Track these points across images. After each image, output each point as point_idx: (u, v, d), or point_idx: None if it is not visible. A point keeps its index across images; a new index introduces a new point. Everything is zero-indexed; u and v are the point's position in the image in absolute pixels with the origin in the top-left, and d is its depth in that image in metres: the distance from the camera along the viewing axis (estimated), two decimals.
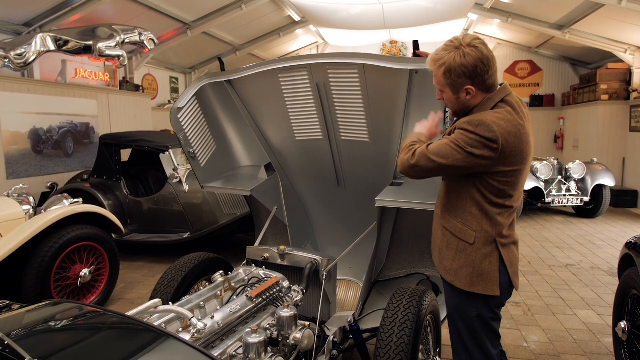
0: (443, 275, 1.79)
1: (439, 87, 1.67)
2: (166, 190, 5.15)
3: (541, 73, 11.44)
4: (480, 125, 1.53)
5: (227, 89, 2.65)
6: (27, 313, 1.38)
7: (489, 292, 1.66)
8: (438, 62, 1.62)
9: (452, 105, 1.69)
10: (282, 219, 3.02)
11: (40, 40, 5.40)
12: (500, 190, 1.62)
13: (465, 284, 1.68)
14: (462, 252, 1.69)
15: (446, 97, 1.68)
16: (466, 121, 1.58)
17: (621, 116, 8.60)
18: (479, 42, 1.58)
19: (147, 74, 9.93)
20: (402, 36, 11.47)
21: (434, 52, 1.67)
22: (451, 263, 1.73)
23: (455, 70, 1.57)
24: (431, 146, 1.63)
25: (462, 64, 1.56)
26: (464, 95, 1.62)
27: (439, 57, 1.62)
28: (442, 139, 1.65)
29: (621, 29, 7.75)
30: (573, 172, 6.99)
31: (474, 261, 1.67)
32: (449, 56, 1.58)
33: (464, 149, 1.55)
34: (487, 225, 1.66)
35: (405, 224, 2.98)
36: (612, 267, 4.70)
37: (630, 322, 2.43)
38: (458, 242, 1.71)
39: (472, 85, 1.59)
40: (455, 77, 1.59)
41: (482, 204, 1.65)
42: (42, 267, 3.29)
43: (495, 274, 1.66)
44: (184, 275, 2.34)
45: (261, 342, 1.63)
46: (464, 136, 1.56)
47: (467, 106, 1.65)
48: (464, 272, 1.69)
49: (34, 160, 6.17)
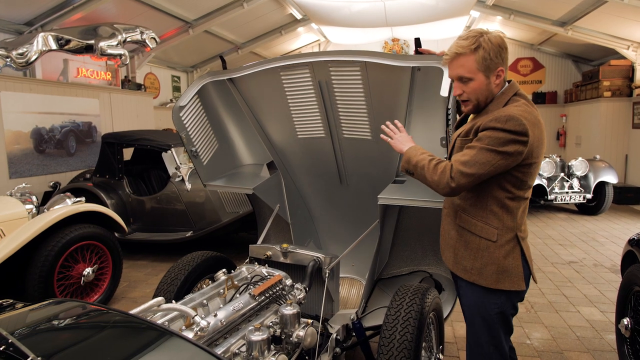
0: (461, 275, 1.76)
1: (469, 74, 1.60)
2: (169, 189, 5.16)
3: (543, 70, 11.40)
4: (510, 120, 1.52)
5: (229, 87, 2.65)
6: (31, 312, 1.39)
7: (516, 287, 1.68)
8: (470, 47, 1.57)
9: (480, 93, 1.63)
10: (285, 217, 3.01)
11: (41, 40, 5.41)
12: (522, 181, 1.64)
13: (491, 281, 1.68)
14: (484, 250, 1.68)
15: (475, 85, 1.61)
16: (492, 119, 1.56)
17: (624, 113, 8.56)
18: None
19: (149, 73, 9.94)
20: (404, 34, 11.45)
21: (454, 43, 1.63)
22: (472, 262, 1.71)
23: (492, 49, 1.57)
24: (462, 159, 1.57)
25: (497, 44, 1.57)
26: (494, 79, 1.62)
27: (468, 42, 1.58)
28: (470, 147, 1.59)
29: (624, 26, 7.71)
30: (576, 169, 6.96)
31: (497, 258, 1.67)
32: (481, 39, 1.57)
33: (498, 151, 1.53)
34: (509, 220, 1.67)
35: (407, 222, 2.98)
36: (615, 264, 4.69)
37: (633, 319, 2.42)
38: (479, 240, 1.69)
39: (502, 67, 1.61)
40: (493, 56, 1.57)
41: (503, 201, 1.65)
42: (45, 266, 3.30)
43: (519, 268, 1.68)
44: (186, 274, 2.34)
45: (264, 339, 1.64)
46: (494, 136, 1.53)
47: (492, 94, 1.65)
48: (489, 270, 1.68)
49: (36, 159, 6.19)
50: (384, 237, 2.88)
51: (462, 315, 3.17)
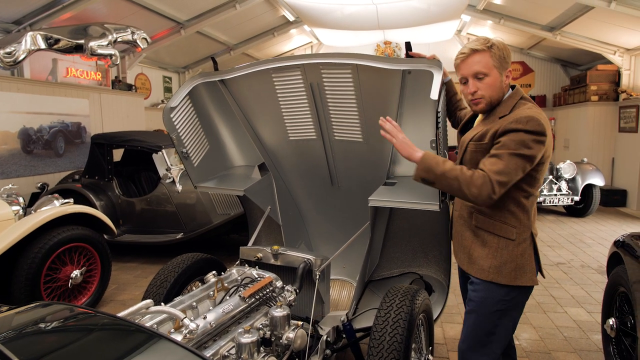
0: (478, 275, 1.76)
1: (485, 70, 1.67)
2: (159, 191, 5.12)
3: (533, 74, 11.55)
4: (530, 121, 1.58)
5: (221, 88, 2.64)
6: (16, 315, 1.36)
7: (530, 282, 1.73)
8: (486, 44, 1.66)
9: (493, 90, 1.70)
10: (276, 219, 3.01)
11: (30, 39, 5.34)
12: (536, 179, 1.70)
13: (510, 278, 1.71)
14: (503, 249, 1.71)
15: (490, 81, 1.68)
16: (512, 121, 1.61)
17: (610, 117, 8.71)
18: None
19: (140, 73, 9.86)
20: (396, 37, 11.51)
21: (468, 45, 1.71)
22: (491, 261, 1.73)
23: (504, 49, 1.68)
24: (494, 168, 1.57)
25: (505, 47, 1.70)
26: (505, 79, 1.71)
27: (482, 41, 1.67)
28: (497, 155, 1.60)
29: (610, 31, 7.85)
30: (564, 172, 7.06)
31: (516, 255, 1.71)
32: (492, 40, 1.67)
33: (525, 155, 1.57)
34: (525, 218, 1.72)
35: (398, 224, 3.00)
36: (602, 265, 4.76)
37: (618, 319, 2.46)
38: (498, 240, 1.72)
39: (510, 69, 1.71)
40: (505, 55, 1.68)
41: (519, 200, 1.70)
42: (32, 269, 3.25)
43: (533, 264, 1.74)
44: (176, 276, 2.33)
45: (254, 342, 1.63)
46: (518, 139, 1.57)
47: (502, 94, 1.72)
48: (508, 268, 1.71)
49: (24, 160, 6.09)
50: (375, 239, 2.90)
51: (451, 317, 3.19)
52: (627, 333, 2.38)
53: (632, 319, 2.32)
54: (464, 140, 1.84)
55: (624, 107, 8.28)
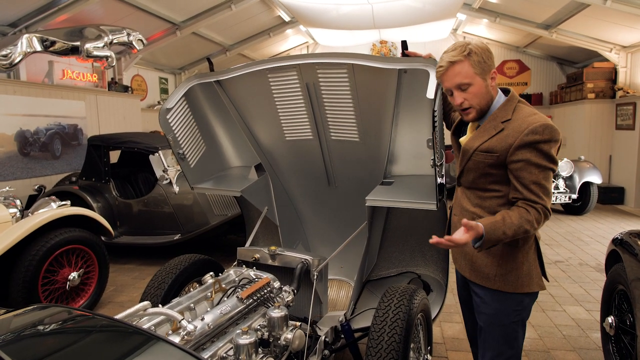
0: (481, 283, 1.73)
1: (467, 80, 1.61)
2: (156, 192, 5.10)
3: (529, 72, 11.57)
4: (547, 129, 1.57)
5: (217, 89, 2.64)
6: (14, 318, 1.36)
7: (538, 288, 1.70)
8: (463, 53, 1.58)
9: (481, 97, 1.64)
10: (273, 220, 3.01)
11: (26, 41, 5.32)
12: None
13: (516, 286, 1.68)
14: (508, 256, 1.68)
15: (475, 90, 1.62)
16: (528, 133, 1.56)
17: (607, 114, 8.73)
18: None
19: (136, 75, 9.83)
20: (391, 36, 11.52)
21: (444, 54, 1.64)
22: (496, 269, 1.69)
23: (483, 53, 1.61)
24: (538, 192, 1.57)
25: (484, 48, 1.62)
26: (490, 82, 1.65)
27: (459, 50, 1.60)
28: (531, 172, 1.57)
29: (606, 29, 7.87)
30: (561, 170, 7.08)
31: (521, 262, 1.68)
32: (469, 46, 1.59)
33: (549, 167, 1.58)
34: None
35: (395, 223, 3.00)
36: (600, 263, 4.78)
37: (617, 317, 2.46)
38: (503, 247, 1.67)
39: (494, 69, 1.65)
40: (485, 59, 1.61)
41: None
42: (29, 271, 3.24)
43: (537, 268, 1.71)
44: (174, 277, 2.32)
45: (252, 343, 1.63)
46: (543, 150, 1.56)
47: (491, 97, 1.67)
48: (514, 275, 1.68)
49: (20, 162, 6.07)
50: (372, 239, 2.89)
51: (450, 316, 3.19)
52: (626, 331, 2.38)
53: (631, 316, 2.32)
54: (467, 147, 1.72)
55: (620, 105, 8.31)
